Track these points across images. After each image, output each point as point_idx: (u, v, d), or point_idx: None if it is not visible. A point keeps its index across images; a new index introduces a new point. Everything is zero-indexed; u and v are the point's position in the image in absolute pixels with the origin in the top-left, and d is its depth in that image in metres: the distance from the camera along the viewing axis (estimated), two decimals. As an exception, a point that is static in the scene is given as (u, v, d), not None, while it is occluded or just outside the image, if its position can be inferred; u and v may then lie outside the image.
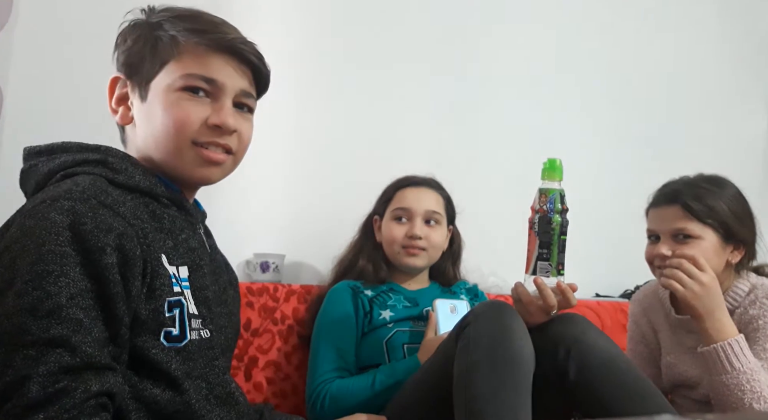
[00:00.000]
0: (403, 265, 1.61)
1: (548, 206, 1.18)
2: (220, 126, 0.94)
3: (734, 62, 2.58)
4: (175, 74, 0.92)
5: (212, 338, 0.92)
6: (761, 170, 2.60)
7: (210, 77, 0.94)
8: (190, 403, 0.86)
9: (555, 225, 1.18)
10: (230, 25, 0.99)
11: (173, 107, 0.92)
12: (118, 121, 0.98)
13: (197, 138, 0.93)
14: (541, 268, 1.19)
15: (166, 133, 0.92)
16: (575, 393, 1.17)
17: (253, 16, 1.81)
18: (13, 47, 1.59)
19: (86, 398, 0.73)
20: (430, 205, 1.62)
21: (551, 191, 1.19)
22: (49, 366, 0.72)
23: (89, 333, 0.76)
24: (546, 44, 2.27)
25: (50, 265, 0.76)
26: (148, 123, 0.94)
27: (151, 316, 0.84)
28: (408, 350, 1.51)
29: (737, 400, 1.23)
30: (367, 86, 2.01)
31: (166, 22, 0.95)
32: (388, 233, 1.61)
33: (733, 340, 1.26)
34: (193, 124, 0.92)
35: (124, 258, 0.80)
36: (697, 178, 1.43)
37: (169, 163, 0.94)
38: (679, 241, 1.37)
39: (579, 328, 1.21)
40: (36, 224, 0.78)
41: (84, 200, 0.80)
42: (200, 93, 0.93)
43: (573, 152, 2.28)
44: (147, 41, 0.95)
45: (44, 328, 0.74)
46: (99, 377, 0.76)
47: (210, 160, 0.95)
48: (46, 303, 0.75)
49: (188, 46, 0.93)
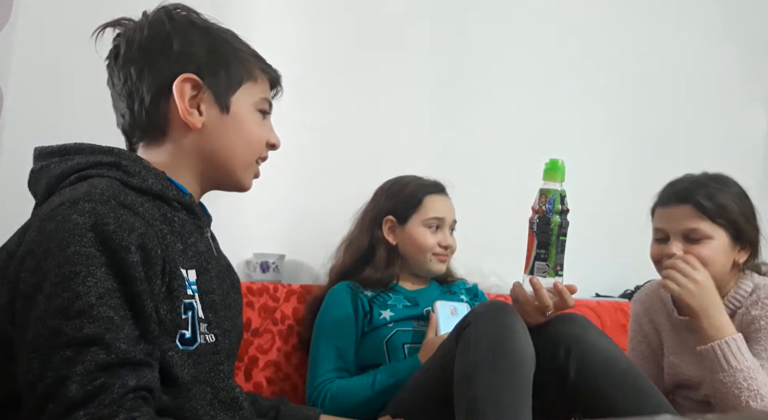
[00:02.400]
0: (431, 271, 1.63)
1: (548, 207, 1.18)
2: (278, 146, 1.05)
3: (734, 62, 2.58)
4: (256, 96, 1.01)
5: (217, 343, 0.92)
6: (761, 170, 2.60)
7: (271, 102, 1.05)
8: (196, 409, 0.86)
9: (553, 225, 1.18)
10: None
11: (259, 126, 1.01)
12: (193, 125, 0.95)
13: (262, 154, 1.04)
14: (539, 268, 1.19)
15: (246, 148, 1.00)
16: (575, 393, 1.17)
17: (253, 16, 1.81)
18: (13, 47, 1.59)
19: (124, 393, 0.74)
20: (455, 215, 1.66)
21: (551, 192, 1.19)
22: (86, 365, 0.73)
23: (121, 330, 0.77)
24: (546, 44, 2.27)
25: (77, 267, 0.76)
26: (227, 133, 0.98)
27: (170, 317, 0.84)
28: (409, 350, 1.51)
29: (734, 399, 1.24)
30: (368, 86, 2.01)
31: (230, 36, 1.01)
32: (422, 240, 1.60)
33: (730, 338, 1.26)
34: (263, 143, 1.03)
35: (146, 257, 0.81)
36: (704, 177, 1.43)
37: (233, 174, 1.01)
38: (690, 241, 1.36)
39: (579, 327, 1.21)
40: (57, 227, 0.78)
41: (104, 201, 0.81)
42: (264, 116, 1.03)
43: (573, 152, 2.28)
44: (216, 51, 0.97)
45: (77, 327, 0.74)
46: (135, 372, 0.76)
47: (258, 174, 1.05)
48: (76, 303, 0.75)
49: (258, 72, 1.02)
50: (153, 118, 0.95)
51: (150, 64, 0.94)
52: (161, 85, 0.93)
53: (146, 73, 0.94)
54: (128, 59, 0.94)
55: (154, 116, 0.95)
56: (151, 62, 0.94)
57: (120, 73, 0.96)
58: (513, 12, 2.23)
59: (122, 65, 0.95)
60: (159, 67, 0.94)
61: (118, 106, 0.98)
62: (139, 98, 0.94)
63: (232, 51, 0.99)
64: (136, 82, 0.94)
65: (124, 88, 0.95)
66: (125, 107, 0.96)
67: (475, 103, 2.16)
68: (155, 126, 0.96)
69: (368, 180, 1.70)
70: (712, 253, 1.34)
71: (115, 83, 0.97)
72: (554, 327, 1.21)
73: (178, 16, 0.96)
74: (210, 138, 0.96)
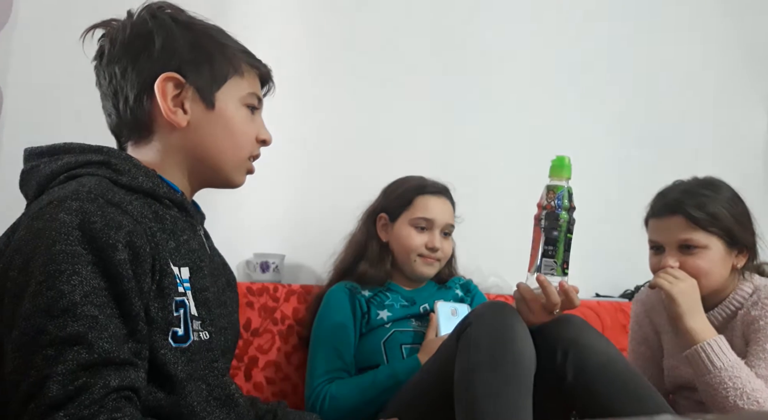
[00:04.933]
0: (416, 273, 1.60)
1: (556, 202, 1.16)
2: (268, 142, 1.03)
3: (734, 62, 2.58)
4: (243, 91, 0.99)
5: (211, 340, 0.92)
6: (761, 170, 2.60)
7: (260, 97, 1.03)
8: (192, 406, 0.86)
9: (563, 222, 1.16)
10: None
11: (247, 122, 1.00)
12: (178, 123, 0.94)
13: (253, 151, 1.02)
14: (546, 266, 1.16)
15: (234, 144, 0.99)
16: (573, 395, 1.16)
17: (253, 17, 1.81)
18: (13, 47, 1.59)
19: (106, 393, 0.74)
20: (449, 218, 1.62)
21: (559, 188, 1.17)
22: (68, 364, 0.73)
23: (105, 329, 0.76)
24: (548, 45, 2.27)
25: (62, 265, 0.76)
26: (213, 130, 0.96)
27: (161, 315, 0.84)
28: (406, 351, 1.51)
29: (723, 399, 1.24)
30: (368, 86, 2.01)
31: (215, 31, 0.99)
32: (407, 240, 1.58)
33: (712, 340, 1.27)
34: (253, 139, 1.01)
35: (134, 254, 0.81)
36: (694, 184, 1.42)
37: (222, 171, 0.99)
38: (685, 251, 1.36)
39: (576, 330, 1.20)
40: (45, 225, 0.78)
41: (91, 200, 0.80)
42: (253, 111, 1.01)
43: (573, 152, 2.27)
44: (199, 47, 0.95)
45: (60, 326, 0.74)
46: (119, 372, 0.76)
47: (251, 170, 1.04)
48: (60, 302, 0.75)
49: (246, 67, 1.00)
50: (138, 116, 0.94)
51: (133, 63, 0.93)
52: (144, 83, 0.93)
53: (129, 71, 0.93)
54: (112, 58, 0.94)
55: (139, 115, 0.94)
56: (134, 60, 0.93)
57: (105, 72, 0.96)
58: (514, 12, 2.23)
59: (107, 65, 0.95)
60: (142, 66, 0.93)
61: (105, 106, 0.98)
62: (124, 97, 0.94)
63: (216, 46, 0.97)
64: (120, 81, 0.94)
65: (110, 88, 0.95)
66: (111, 107, 0.96)
67: (475, 103, 2.16)
68: (141, 125, 0.95)
69: (368, 180, 1.70)
70: (708, 264, 1.35)
71: (102, 83, 0.97)
72: (551, 330, 1.20)
73: (161, 14, 0.96)
74: (196, 135, 0.96)
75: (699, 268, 1.34)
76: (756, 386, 1.24)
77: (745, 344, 1.36)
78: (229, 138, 0.98)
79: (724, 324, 1.40)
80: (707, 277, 1.35)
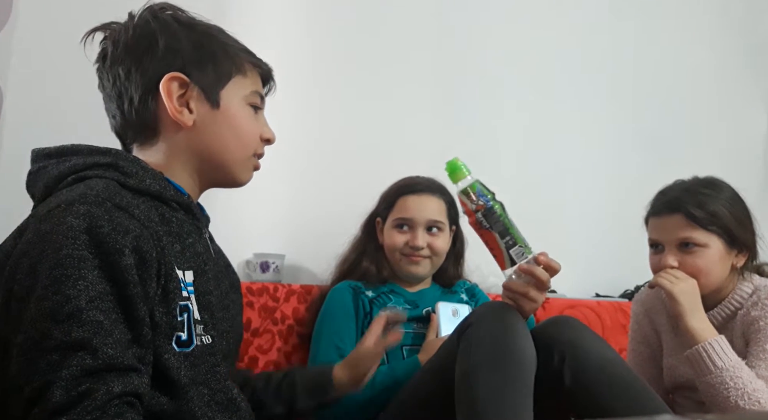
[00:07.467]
0: (404, 272, 1.61)
1: (482, 199, 1.16)
2: (272, 141, 1.04)
3: (734, 62, 2.58)
4: (246, 89, 1.00)
5: (214, 344, 0.92)
6: (761, 170, 2.60)
7: (263, 96, 1.04)
8: (194, 411, 0.86)
9: (499, 210, 1.16)
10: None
11: (251, 121, 1.01)
12: (184, 123, 0.94)
13: (257, 150, 1.03)
14: (516, 254, 1.16)
15: (239, 142, 0.99)
16: (572, 398, 1.15)
17: (252, 17, 1.81)
18: (13, 47, 1.59)
19: (109, 399, 0.73)
20: (432, 214, 1.60)
21: (473, 186, 1.17)
22: (72, 370, 0.73)
23: (110, 335, 0.76)
24: (546, 45, 2.27)
25: (68, 270, 0.76)
26: (219, 129, 0.97)
27: (165, 320, 0.84)
28: (407, 352, 1.51)
29: (724, 400, 1.24)
30: (368, 86, 2.01)
31: (216, 31, 0.99)
32: (390, 240, 1.60)
33: (713, 340, 1.27)
34: (258, 138, 1.02)
35: (141, 259, 0.81)
36: (694, 183, 1.42)
37: (228, 170, 1.00)
38: (684, 250, 1.36)
39: (574, 332, 1.20)
40: (52, 229, 0.78)
41: (99, 203, 0.80)
42: (257, 110, 1.02)
43: (573, 152, 2.31)
44: (202, 46, 0.96)
45: (65, 331, 0.74)
46: (122, 378, 0.75)
47: (257, 166, 1.05)
48: (65, 307, 0.75)
49: (248, 66, 1.01)
50: (143, 117, 0.94)
51: (137, 64, 0.94)
52: (149, 83, 0.93)
53: (134, 72, 0.94)
54: (116, 60, 0.95)
55: (144, 116, 0.94)
56: (137, 62, 0.94)
57: (109, 74, 0.96)
58: (514, 12, 2.23)
59: (110, 67, 0.95)
60: (146, 66, 0.93)
61: (109, 108, 0.98)
62: (129, 98, 0.94)
63: (218, 45, 0.98)
64: (124, 83, 0.94)
65: (114, 90, 0.95)
66: (116, 108, 0.96)
67: (475, 103, 2.16)
68: (146, 126, 0.95)
69: (369, 180, 1.70)
70: (708, 263, 1.35)
71: (105, 85, 0.97)
72: (548, 332, 1.20)
73: (163, 15, 0.96)
74: (202, 134, 0.96)
75: (698, 266, 1.35)
76: (757, 386, 1.24)
77: (744, 344, 1.36)
78: (234, 137, 0.99)
79: (723, 324, 1.40)
80: (706, 276, 1.35)
